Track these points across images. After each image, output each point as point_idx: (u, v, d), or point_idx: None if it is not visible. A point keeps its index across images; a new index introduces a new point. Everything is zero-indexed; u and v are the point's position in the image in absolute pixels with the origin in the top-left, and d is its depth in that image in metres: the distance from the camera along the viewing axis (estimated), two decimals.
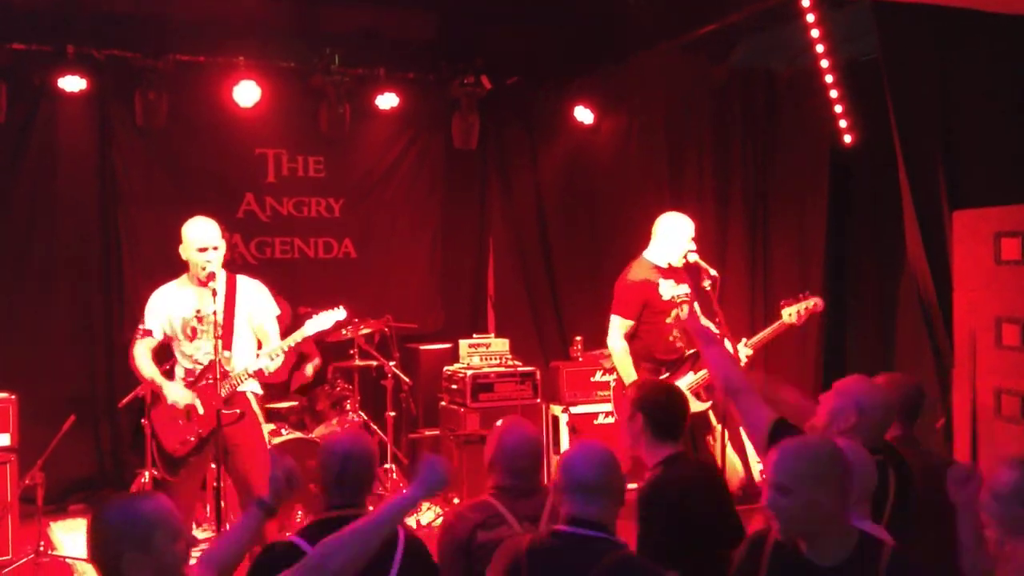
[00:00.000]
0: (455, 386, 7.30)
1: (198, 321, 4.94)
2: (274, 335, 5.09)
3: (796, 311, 5.71)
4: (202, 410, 4.88)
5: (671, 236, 5.72)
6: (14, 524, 5.87)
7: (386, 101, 7.89)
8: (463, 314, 8.69)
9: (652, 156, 7.79)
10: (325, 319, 5.14)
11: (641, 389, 3.77)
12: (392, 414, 7.10)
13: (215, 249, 4.92)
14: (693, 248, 5.68)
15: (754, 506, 4.85)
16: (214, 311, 4.74)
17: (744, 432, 3.78)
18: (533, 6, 7.33)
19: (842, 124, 6.82)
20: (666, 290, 5.70)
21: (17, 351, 6.97)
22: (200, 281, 4.90)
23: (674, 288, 5.72)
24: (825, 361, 7.26)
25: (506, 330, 8.22)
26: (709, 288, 5.44)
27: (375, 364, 7.14)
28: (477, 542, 3.23)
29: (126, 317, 7.36)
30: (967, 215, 5.48)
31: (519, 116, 8.67)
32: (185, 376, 5.04)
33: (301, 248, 8.06)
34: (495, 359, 7.45)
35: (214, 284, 4.80)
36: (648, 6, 6.63)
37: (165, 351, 5.17)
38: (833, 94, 6.77)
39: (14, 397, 5.97)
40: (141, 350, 5.09)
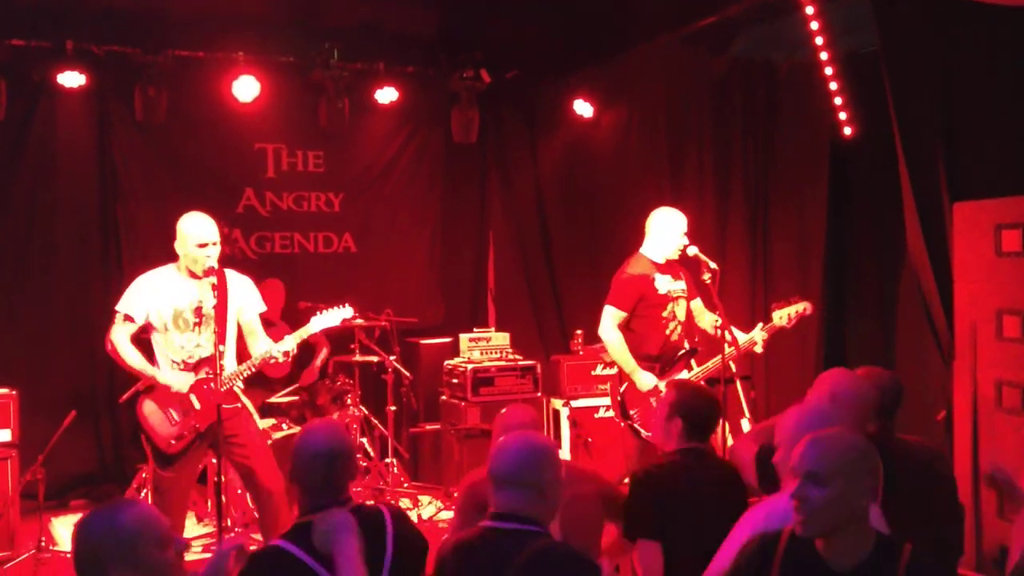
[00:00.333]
0: (456, 380, 7.30)
1: (194, 313, 4.88)
2: (260, 332, 5.08)
3: (787, 314, 5.71)
4: (199, 405, 4.85)
5: (663, 231, 5.75)
6: (15, 520, 5.89)
7: (385, 95, 7.89)
8: (463, 308, 8.70)
9: (652, 149, 7.78)
10: (331, 317, 5.13)
11: (680, 392, 3.85)
12: (393, 408, 7.11)
13: (215, 245, 4.89)
14: (687, 242, 5.68)
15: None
16: (214, 306, 4.72)
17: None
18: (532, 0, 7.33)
19: (842, 116, 6.81)
20: (662, 284, 5.73)
21: (17, 347, 6.99)
22: (193, 273, 4.86)
23: (671, 283, 5.76)
24: (825, 355, 7.25)
25: (506, 324, 8.22)
26: (709, 281, 5.43)
27: (375, 359, 7.15)
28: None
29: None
30: (967, 207, 5.46)
31: (519, 110, 8.67)
32: (171, 367, 4.92)
33: (301, 243, 8.07)
34: (495, 353, 7.46)
35: (213, 279, 4.77)
36: None
37: (138, 344, 4.99)
38: (833, 86, 6.75)
39: (15, 393, 6.00)
40: (122, 337, 4.89)
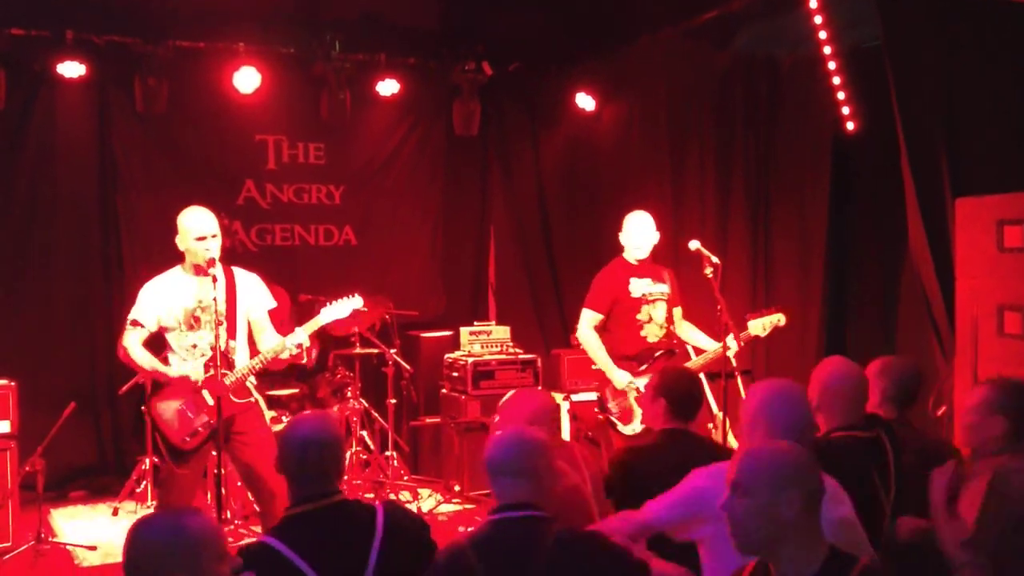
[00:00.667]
0: (456, 373, 7.29)
1: (201, 311, 4.89)
2: (269, 329, 5.07)
3: (762, 324, 5.74)
4: (211, 401, 4.83)
5: (629, 235, 5.90)
6: (14, 511, 5.89)
7: (387, 87, 7.87)
8: (464, 301, 8.69)
9: (653, 143, 7.76)
10: (341, 307, 5.11)
11: (662, 375, 4.01)
12: (393, 402, 7.11)
13: (214, 237, 4.88)
14: (654, 241, 5.88)
15: None
16: (214, 298, 4.71)
17: None
18: None
19: (845, 111, 6.78)
20: (636, 288, 5.84)
21: (17, 338, 6.98)
22: (199, 270, 4.87)
23: (649, 286, 5.86)
24: (826, 349, 7.22)
25: (507, 317, 8.21)
26: (711, 276, 5.43)
27: (376, 352, 7.14)
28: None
29: (127, 304, 7.31)
30: (969, 203, 5.45)
31: (520, 103, 8.65)
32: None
33: (301, 235, 8.06)
34: (496, 346, 7.45)
35: (214, 270, 4.76)
36: None
37: (156, 342, 5.05)
38: (836, 81, 6.72)
39: (14, 384, 5.98)
40: (133, 341, 4.96)
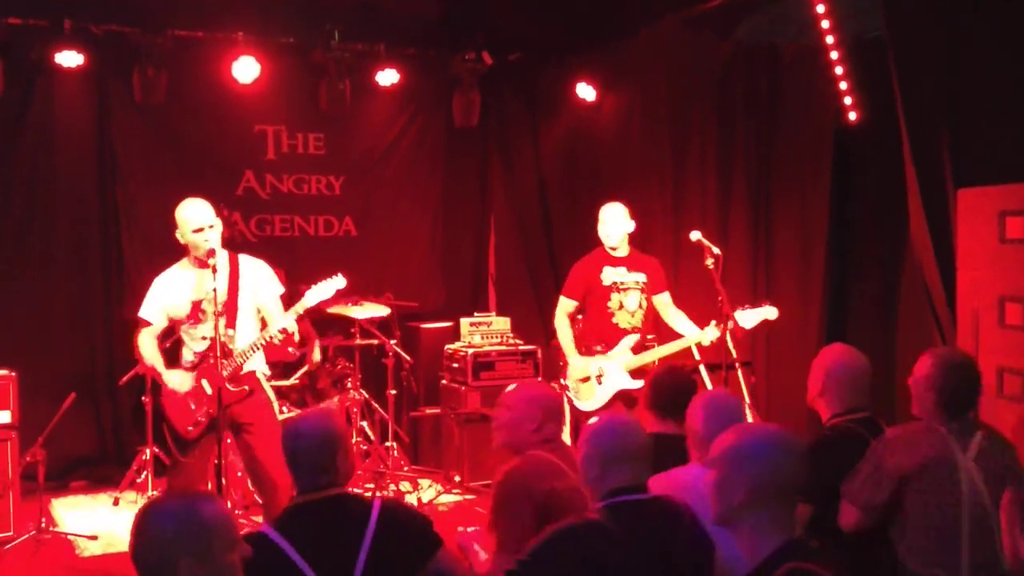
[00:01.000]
0: (456, 364, 7.28)
1: (207, 302, 4.88)
2: (278, 314, 5.05)
3: (748, 317, 5.67)
4: (210, 390, 4.85)
5: (601, 225, 6.06)
6: (15, 501, 5.88)
7: (387, 77, 7.84)
8: (464, 292, 8.68)
9: (654, 133, 7.73)
10: (325, 288, 5.10)
11: (651, 377, 4.07)
12: (393, 392, 7.10)
13: (211, 227, 4.88)
14: (627, 230, 6.02)
15: None
16: (214, 288, 4.70)
17: None
18: None
19: (847, 101, 6.77)
20: (608, 276, 6.00)
21: (17, 328, 6.97)
22: (200, 262, 4.86)
23: (624, 275, 6.02)
24: (827, 340, 7.23)
25: (507, 308, 8.20)
26: (712, 266, 5.42)
27: (376, 343, 7.13)
28: (548, 489, 3.27)
29: (126, 294, 7.36)
30: (971, 193, 5.44)
31: (521, 93, 8.62)
32: (194, 358, 4.99)
33: (301, 226, 8.03)
34: (496, 337, 7.44)
35: (213, 260, 4.75)
36: None
37: (171, 333, 5.14)
38: (838, 71, 6.71)
39: (14, 374, 5.97)
40: (144, 339, 5.04)
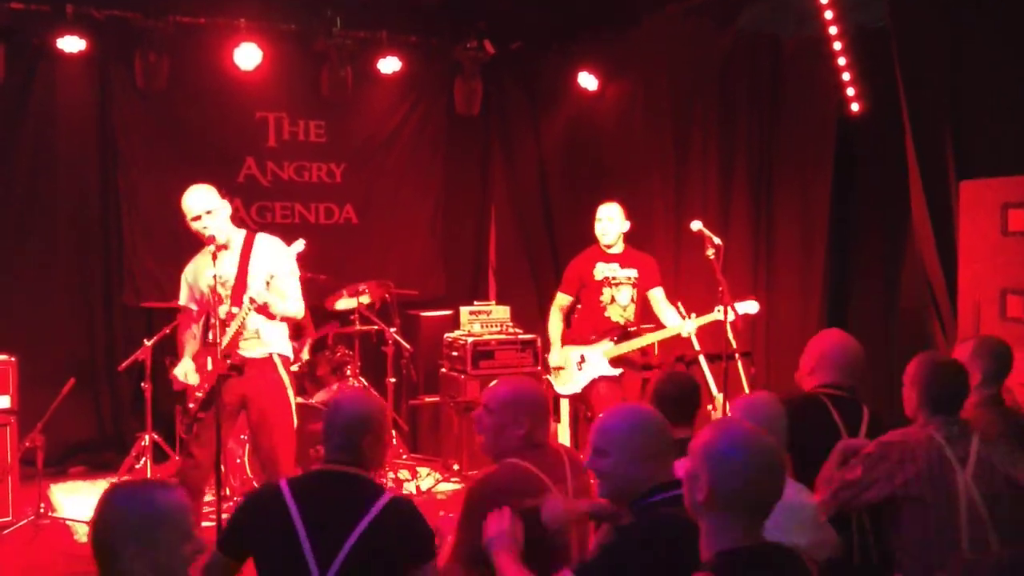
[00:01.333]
0: (456, 353, 7.28)
1: (221, 285, 4.90)
2: (292, 292, 5.07)
3: (728, 309, 5.60)
4: (210, 366, 4.90)
5: (598, 223, 6.24)
6: (14, 486, 5.88)
7: (388, 65, 7.82)
8: (464, 281, 8.68)
9: (656, 123, 7.71)
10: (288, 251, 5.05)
11: (657, 382, 4.04)
12: (392, 380, 7.10)
13: (208, 214, 4.91)
14: (621, 229, 6.18)
15: None
16: (214, 275, 4.73)
17: None
18: None
19: (849, 92, 6.74)
20: (600, 271, 6.22)
21: (17, 314, 6.97)
22: (219, 246, 4.89)
23: (616, 270, 6.23)
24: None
25: (507, 297, 8.20)
26: (712, 257, 5.41)
27: (376, 330, 7.13)
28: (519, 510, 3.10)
29: (126, 280, 7.36)
30: (974, 185, 5.42)
31: (522, 82, 8.60)
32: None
33: (302, 213, 8.02)
34: (496, 326, 7.43)
35: (212, 247, 4.79)
36: None
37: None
38: (840, 62, 6.69)
39: (14, 360, 5.96)
40: (184, 327, 5.21)
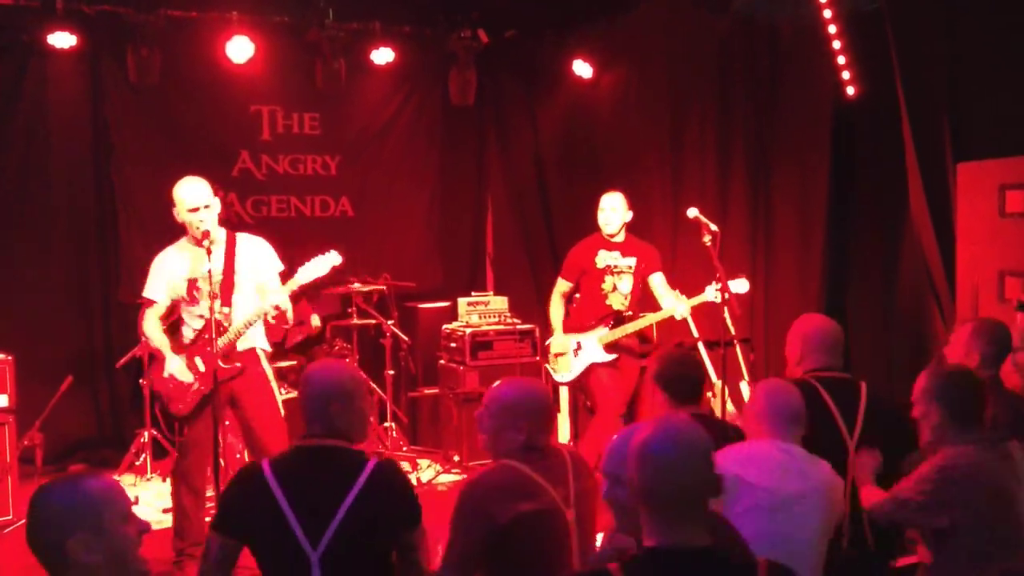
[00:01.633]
0: (454, 344, 7.26)
1: (203, 281, 4.88)
2: (277, 287, 5.06)
3: (717, 289, 5.53)
4: (203, 367, 4.86)
5: (601, 212, 6.26)
6: (14, 484, 5.87)
7: (382, 56, 7.79)
8: (461, 272, 8.66)
9: (652, 110, 7.69)
10: (319, 265, 5.08)
11: (658, 362, 3.92)
12: (391, 373, 7.09)
13: (207, 208, 4.87)
14: (623, 219, 6.20)
15: None
16: (209, 269, 4.70)
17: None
18: None
19: (845, 76, 6.73)
20: (602, 259, 6.25)
21: (13, 311, 6.93)
22: (198, 240, 4.85)
23: (618, 259, 6.26)
24: (826, 316, 7.22)
25: (505, 288, 8.18)
26: (709, 244, 5.40)
27: (373, 323, 7.11)
28: (513, 515, 3.00)
29: (122, 276, 7.33)
30: (971, 167, 5.42)
31: (517, 71, 8.57)
32: (193, 335, 5.00)
33: (297, 207, 8.00)
34: (494, 317, 7.42)
35: (207, 242, 4.74)
36: None
37: (173, 312, 5.13)
38: (836, 45, 6.67)
39: (11, 358, 5.94)
40: (150, 319, 5.04)
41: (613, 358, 6.21)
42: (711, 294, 5.66)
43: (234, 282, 4.93)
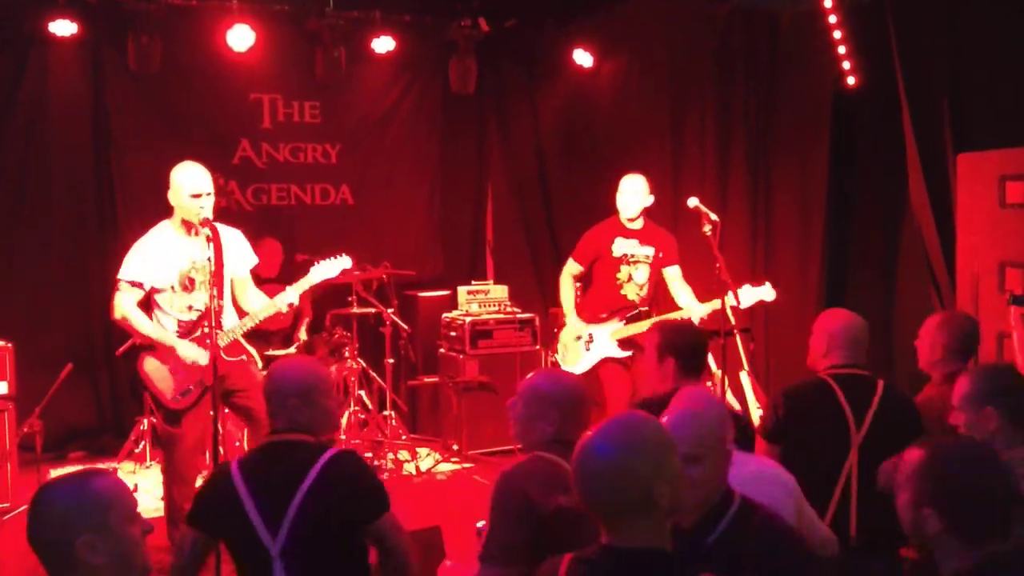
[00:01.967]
0: (454, 333, 7.28)
1: (196, 271, 4.84)
2: (252, 286, 5.10)
3: (747, 295, 5.54)
4: (203, 361, 4.80)
5: (619, 196, 6.04)
6: (13, 472, 5.90)
7: (382, 45, 7.78)
8: (462, 261, 8.67)
9: (653, 99, 7.69)
10: (331, 267, 5.09)
11: (664, 333, 3.81)
12: (391, 361, 7.10)
13: (208, 195, 4.82)
14: (644, 203, 5.98)
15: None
16: (209, 258, 4.66)
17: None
18: None
19: (845, 66, 6.71)
20: (619, 247, 6.00)
21: (14, 299, 6.95)
22: (188, 227, 4.80)
23: (635, 247, 6.02)
24: (826, 306, 7.21)
25: (505, 276, 8.19)
26: (709, 233, 5.39)
27: (373, 311, 7.12)
28: (554, 507, 2.87)
29: (122, 264, 7.31)
30: (971, 158, 5.41)
31: (517, 59, 8.56)
32: (178, 328, 4.90)
33: (298, 195, 8.00)
34: (494, 306, 7.43)
35: (207, 231, 4.70)
36: None
37: (144, 303, 4.96)
38: (836, 35, 6.65)
39: (11, 345, 5.96)
40: (130, 305, 4.85)
41: (628, 355, 5.97)
42: (732, 299, 5.33)
43: (223, 273, 4.89)
